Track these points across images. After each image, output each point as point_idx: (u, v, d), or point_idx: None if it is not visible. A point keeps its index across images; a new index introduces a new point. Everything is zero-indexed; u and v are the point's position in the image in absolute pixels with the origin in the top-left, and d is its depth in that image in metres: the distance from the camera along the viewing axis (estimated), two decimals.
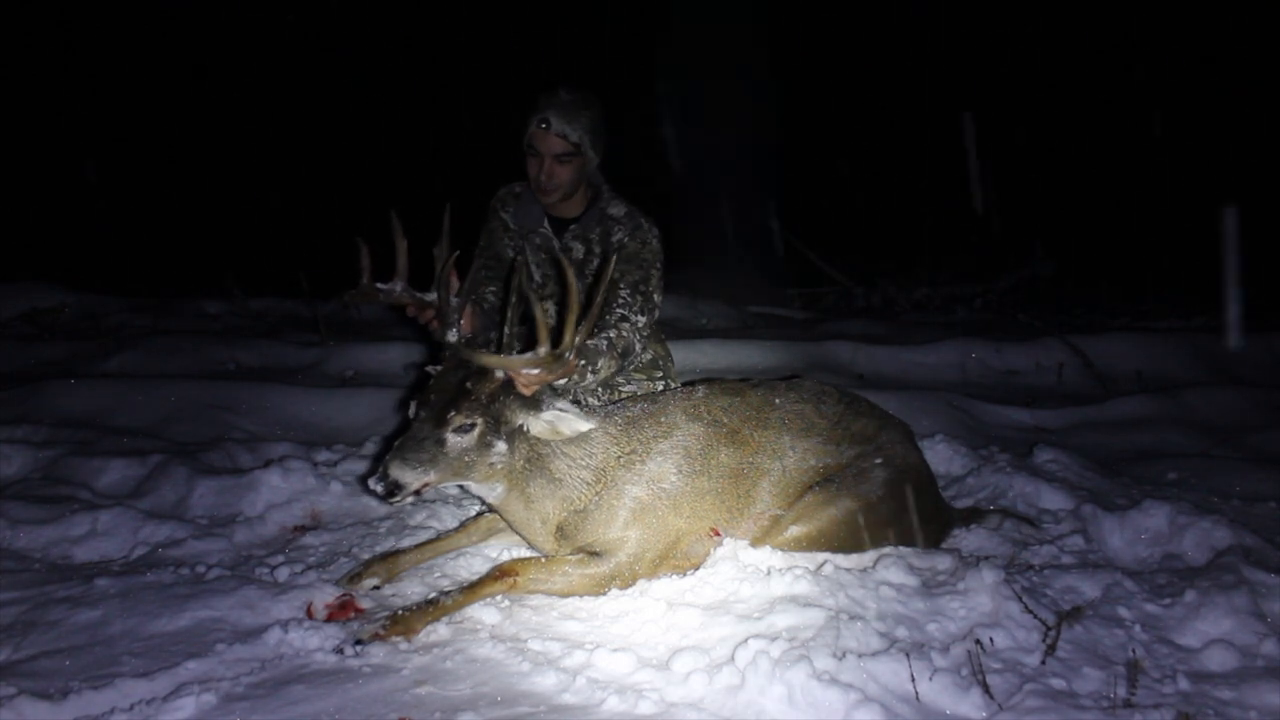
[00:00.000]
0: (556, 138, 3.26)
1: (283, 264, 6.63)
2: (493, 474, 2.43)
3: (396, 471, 2.27)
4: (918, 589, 2.33)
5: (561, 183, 3.34)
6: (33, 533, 2.85)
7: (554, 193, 3.37)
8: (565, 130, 3.26)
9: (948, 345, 5.73)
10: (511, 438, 2.42)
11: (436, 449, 2.31)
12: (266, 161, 11.95)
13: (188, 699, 1.88)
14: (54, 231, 10.31)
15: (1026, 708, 1.85)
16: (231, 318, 6.90)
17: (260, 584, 2.47)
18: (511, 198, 3.62)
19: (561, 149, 3.27)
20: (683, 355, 5.27)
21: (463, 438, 2.33)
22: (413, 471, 2.28)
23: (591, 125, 3.33)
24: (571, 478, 2.49)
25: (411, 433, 2.33)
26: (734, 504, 2.57)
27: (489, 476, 2.43)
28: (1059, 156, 12.06)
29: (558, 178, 3.32)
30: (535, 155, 3.32)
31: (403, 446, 2.30)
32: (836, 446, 2.65)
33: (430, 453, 2.30)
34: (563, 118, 3.25)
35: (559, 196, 3.40)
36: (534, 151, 3.32)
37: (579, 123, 3.28)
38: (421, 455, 2.29)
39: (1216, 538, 2.67)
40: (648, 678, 2.00)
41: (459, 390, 2.35)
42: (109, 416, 4.11)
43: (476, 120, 11.91)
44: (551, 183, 3.32)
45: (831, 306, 8.70)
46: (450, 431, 2.32)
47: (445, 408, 2.33)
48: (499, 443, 2.39)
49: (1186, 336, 5.88)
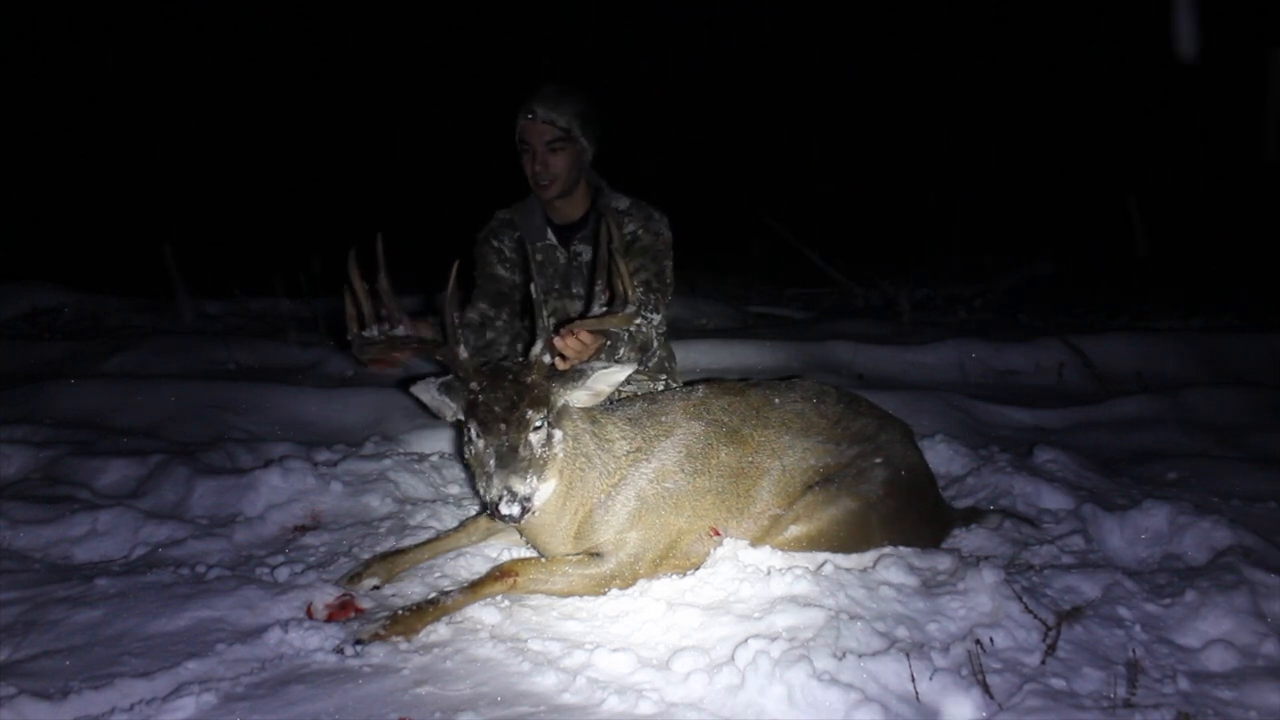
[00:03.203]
0: (544, 125, 3.27)
1: (283, 264, 6.63)
2: (554, 467, 2.39)
3: (519, 485, 2.21)
4: (918, 589, 2.33)
5: (558, 172, 3.32)
6: (33, 533, 2.85)
7: (552, 185, 3.35)
8: (552, 116, 3.27)
9: (948, 345, 5.73)
10: (560, 420, 2.42)
11: (529, 453, 2.28)
12: (267, 161, 11.94)
13: (188, 699, 1.88)
14: (54, 231, 10.31)
15: (1026, 708, 1.85)
16: (231, 318, 6.90)
17: (260, 584, 2.47)
18: (502, 225, 3.57)
19: (551, 135, 3.28)
20: (683, 355, 5.27)
21: (538, 434, 2.32)
22: (526, 482, 2.24)
23: (579, 111, 3.33)
24: (600, 458, 2.50)
25: (502, 447, 2.26)
26: (734, 503, 2.57)
27: (552, 471, 2.39)
28: (1059, 157, 12.06)
29: (553, 167, 3.31)
30: (527, 149, 3.32)
31: (505, 462, 2.23)
32: (836, 446, 2.65)
33: (526, 458, 2.27)
34: (548, 105, 3.28)
35: (558, 190, 3.37)
36: (526, 146, 3.32)
37: (565, 109, 3.30)
38: (523, 464, 2.25)
39: (1216, 538, 2.67)
40: (648, 678, 2.00)
41: (518, 391, 2.31)
42: (109, 416, 4.11)
43: (476, 120, 11.91)
44: (548, 173, 3.31)
45: (831, 306, 8.69)
46: (532, 432, 2.30)
47: (517, 413, 2.28)
48: (556, 430, 2.39)
49: (1186, 336, 5.88)
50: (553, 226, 3.55)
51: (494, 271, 3.53)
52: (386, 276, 2.47)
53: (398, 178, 12.68)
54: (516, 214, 3.58)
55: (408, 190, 12.34)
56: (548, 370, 2.41)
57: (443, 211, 5.54)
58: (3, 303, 6.55)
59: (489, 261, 3.54)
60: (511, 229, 3.56)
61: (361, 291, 2.48)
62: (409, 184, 12.54)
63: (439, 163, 13.14)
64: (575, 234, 3.53)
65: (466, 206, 4.71)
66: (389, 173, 12.69)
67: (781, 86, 14.48)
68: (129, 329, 6.25)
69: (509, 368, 2.41)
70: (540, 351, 2.39)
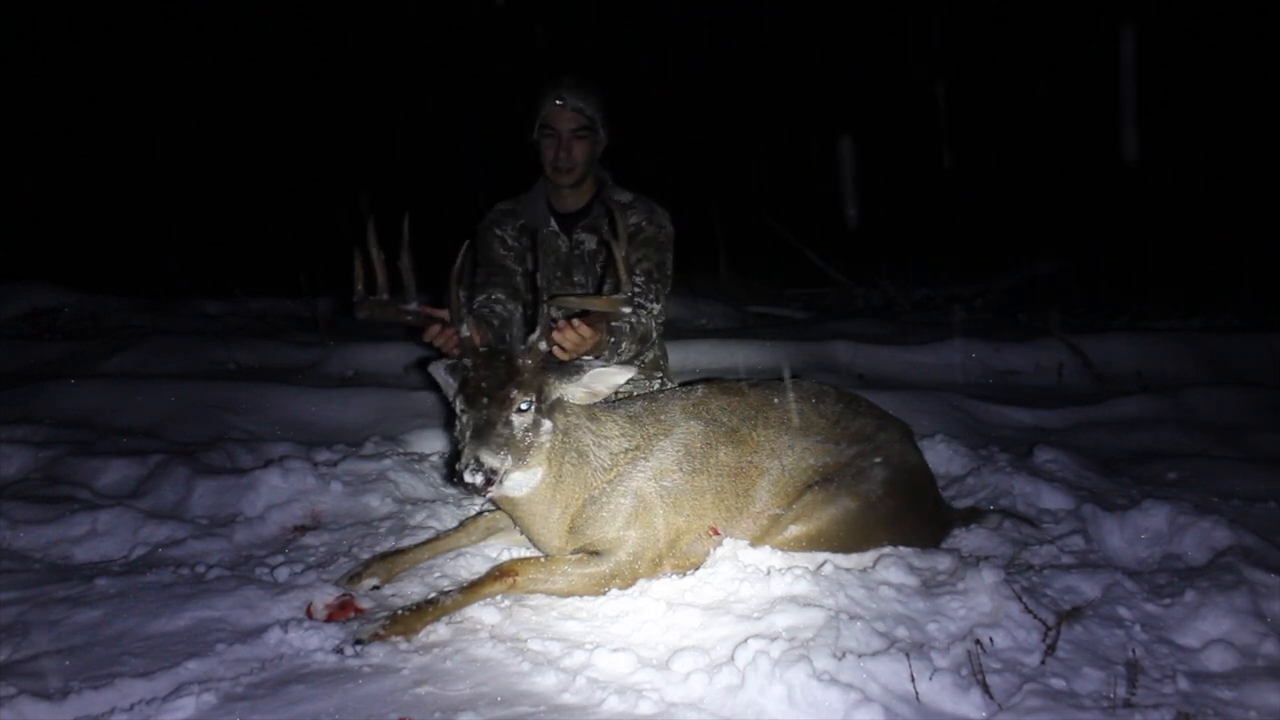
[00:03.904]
0: (573, 112, 3.30)
1: (283, 264, 6.63)
2: (540, 455, 2.39)
3: (489, 458, 2.21)
4: (918, 589, 2.33)
5: (578, 160, 3.36)
6: (33, 533, 2.85)
7: (572, 172, 3.38)
8: (581, 105, 3.31)
9: (948, 345, 5.73)
10: (552, 412, 2.42)
11: (507, 431, 2.28)
12: (266, 162, 11.94)
13: (188, 699, 1.88)
14: (54, 231, 10.31)
15: (1026, 708, 1.85)
16: (231, 318, 6.90)
17: (260, 584, 2.47)
18: (504, 215, 3.59)
19: (578, 123, 3.31)
20: (683, 355, 5.27)
21: (523, 417, 2.32)
22: (497, 456, 2.23)
23: (601, 104, 3.39)
24: (595, 454, 2.50)
25: (481, 420, 2.27)
26: (733, 503, 2.57)
27: (537, 459, 2.39)
28: (1059, 157, 12.06)
29: (576, 154, 3.34)
30: (551, 135, 3.34)
31: (480, 434, 2.24)
32: (836, 446, 2.65)
33: (504, 435, 2.27)
34: (577, 94, 3.31)
35: (576, 177, 3.41)
36: (550, 132, 3.34)
37: (591, 98, 3.35)
38: (498, 439, 2.25)
39: (1216, 538, 2.67)
40: (648, 678, 2.00)
41: (508, 373, 2.33)
42: (109, 416, 4.11)
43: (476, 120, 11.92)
44: (570, 160, 3.34)
45: (831, 306, 8.69)
46: (515, 413, 2.30)
47: (503, 391, 2.29)
48: (545, 420, 2.39)
49: (1186, 336, 5.88)
50: (555, 215, 3.57)
51: (503, 264, 3.53)
52: (409, 255, 2.50)
53: (397, 178, 12.68)
54: (519, 204, 3.60)
55: (408, 190, 12.34)
56: (544, 358, 2.42)
57: (442, 211, 5.55)
58: (3, 303, 6.56)
59: (495, 253, 3.55)
60: (514, 218, 3.58)
61: (378, 259, 2.51)
62: (408, 184, 12.55)
63: (438, 163, 13.14)
64: (578, 223, 3.55)
65: (466, 206, 4.71)
66: (389, 173, 12.69)
67: (782, 86, 14.48)
68: (129, 329, 6.25)
69: (504, 350, 2.43)
70: (538, 338, 2.40)
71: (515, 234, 3.57)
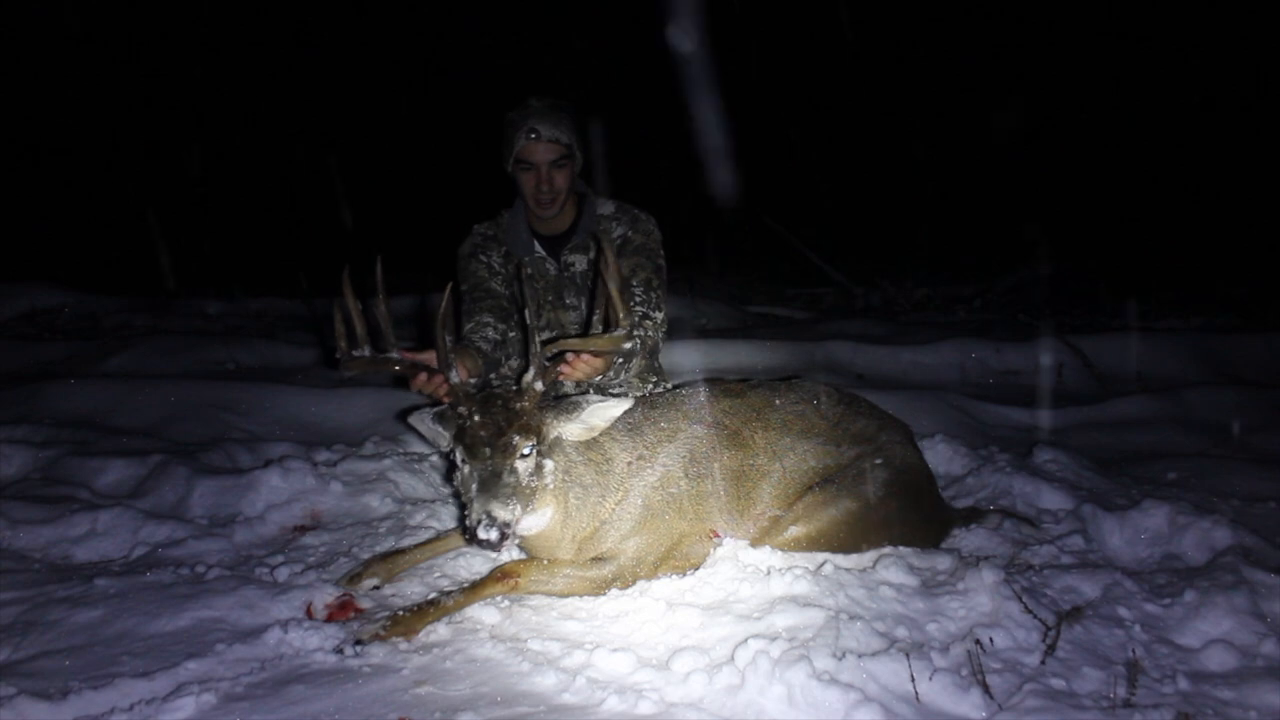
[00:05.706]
0: (549, 144, 3.17)
1: (282, 264, 6.63)
2: (546, 496, 2.35)
3: (499, 510, 2.16)
4: (918, 589, 2.33)
5: (560, 189, 3.25)
6: (33, 533, 2.85)
7: (554, 203, 3.27)
8: (556, 135, 3.17)
9: (948, 345, 5.73)
10: (552, 451, 2.38)
11: (513, 479, 2.23)
12: (266, 162, 11.94)
13: (188, 699, 1.88)
14: (54, 231, 10.31)
15: (1026, 708, 1.85)
16: (231, 318, 6.91)
17: (260, 584, 2.47)
18: (486, 240, 3.45)
19: (556, 154, 3.19)
20: (683, 355, 5.27)
21: (526, 462, 2.28)
22: (507, 507, 2.19)
23: (573, 125, 3.25)
24: (598, 484, 2.46)
25: (485, 472, 2.22)
26: (735, 505, 2.57)
27: (544, 500, 2.34)
28: (1059, 156, 12.06)
29: (557, 184, 3.23)
30: (529, 169, 3.21)
31: (487, 486, 2.19)
32: (836, 447, 2.65)
33: (510, 485, 2.22)
34: (549, 123, 3.16)
35: (560, 206, 3.30)
36: (527, 166, 3.21)
37: (564, 125, 3.20)
38: (505, 490, 2.20)
39: (1216, 538, 2.67)
40: (648, 678, 2.00)
41: (507, 418, 2.28)
42: (109, 416, 4.11)
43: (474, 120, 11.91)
44: (553, 191, 3.23)
45: (831, 306, 8.69)
46: (518, 459, 2.25)
47: (504, 438, 2.24)
48: (547, 460, 2.35)
49: (1186, 336, 5.88)
50: (539, 238, 3.46)
51: (489, 287, 3.37)
52: (385, 300, 2.44)
53: (396, 178, 12.68)
54: (499, 229, 3.47)
55: (406, 190, 12.35)
56: (540, 399, 2.37)
57: (441, 211, 5.55)
58: (3, 303, 6.56)
59: (481, 278, 3.39)
60: (496, 244, 3.45)
61: (355, 311, 2.43)
62: (407, 184, 12.55)
63: (437, 163, 13.14)
64: (564, 244, 3.45)
65: (465, 206, 4.71)
66: (387, 173, 12.69)
67: (782, 86, 14.48)
68: (129, 329, 6.25)
69: (500, 394, 2.37)
70: (532, 379, 2.35)
71: (501, 261, 3.44)
